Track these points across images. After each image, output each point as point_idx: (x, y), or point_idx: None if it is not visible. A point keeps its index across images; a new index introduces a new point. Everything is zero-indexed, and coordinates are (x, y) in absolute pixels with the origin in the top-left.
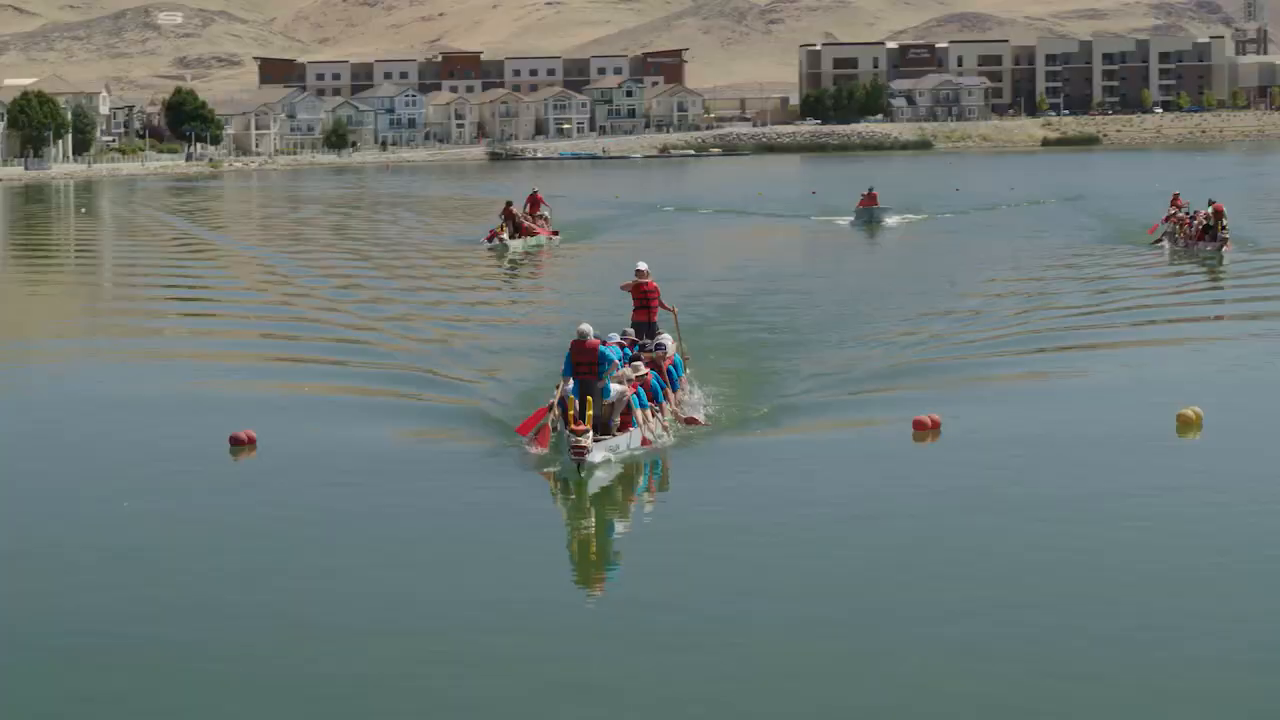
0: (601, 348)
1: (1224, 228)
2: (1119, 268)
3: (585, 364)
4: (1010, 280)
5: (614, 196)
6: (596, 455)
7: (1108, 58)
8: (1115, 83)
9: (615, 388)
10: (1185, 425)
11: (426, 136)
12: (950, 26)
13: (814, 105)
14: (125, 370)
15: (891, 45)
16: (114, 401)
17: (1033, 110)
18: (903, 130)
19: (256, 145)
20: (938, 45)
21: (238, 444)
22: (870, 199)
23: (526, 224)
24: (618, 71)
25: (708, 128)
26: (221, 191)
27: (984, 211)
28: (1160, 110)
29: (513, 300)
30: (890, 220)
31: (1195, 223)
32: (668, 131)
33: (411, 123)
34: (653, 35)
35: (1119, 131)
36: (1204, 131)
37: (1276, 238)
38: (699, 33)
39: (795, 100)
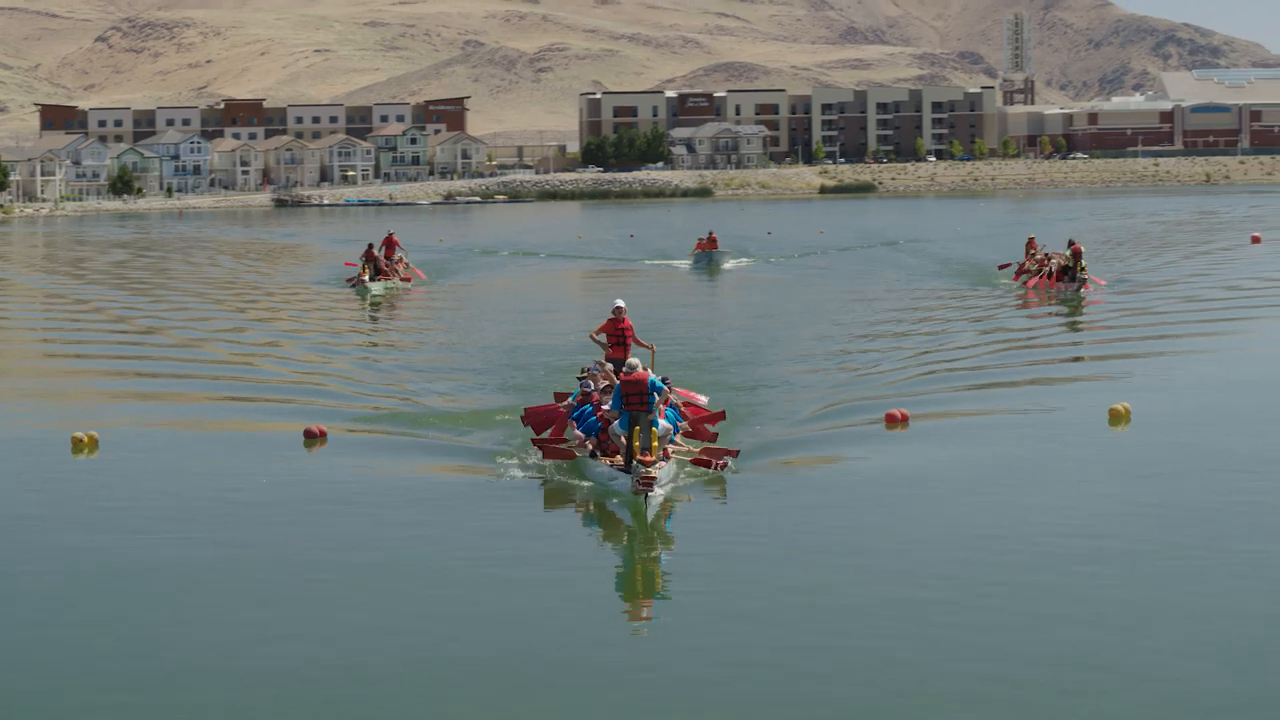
0: (650, 378)
1: (1083, 268)
2: (998, 308)
3: (635, 396)
4: (898, 320)
5: (438, 240)
6: (658, 487)
7: (881, 107)
8: (889, 131)
9: (663, 422)
10: (1116, 418)
11: (212, 183)
12: (718, 76)
13: (595, 152)
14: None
15: (670, 94)
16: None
17: (809, 158)
18: (683, 177)
19: (42, 191)
20: (716, 94)
21: (311, 437)
22: (710, 242)
23: (386, 266)
24: (400, 119)
25: (490, 174)
26: (13, 236)
27: (812, 255)
28: (934, 159)
29: (417, 339)
30: (728, 264)
31: (1053, 263)
32: (452, 178)
33: (197, 169)
34: (422, 83)
35: (894, 179)
36: (976, 179)
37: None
38: (468, 81)
39: (572, 147)
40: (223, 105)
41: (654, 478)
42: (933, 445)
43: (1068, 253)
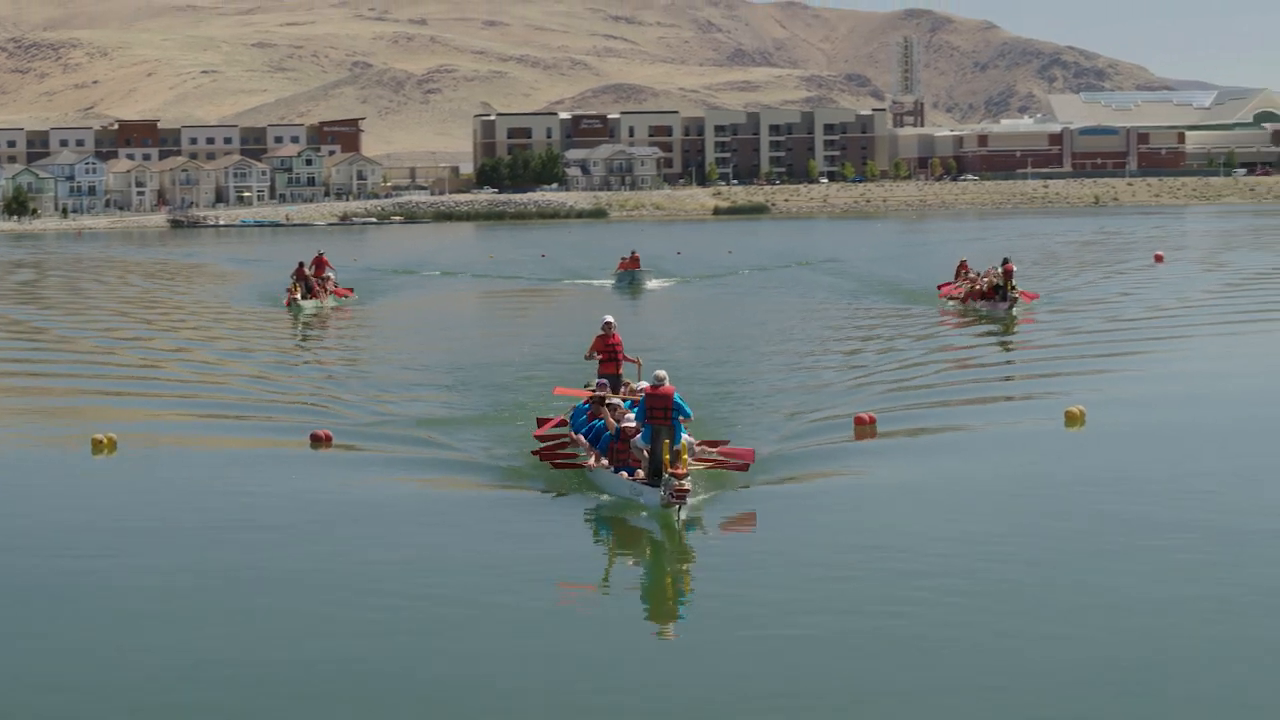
0: (676, 396)
1: (1014, 287)
2: (938, 326)
3: (660, 410)
4: (843, 338)
5: (351, 260)
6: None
7: (774, 129)
8: (782, 153)
9: (685, 436)
10: (1071, 419)
11: (107, 204)
12: (606, 97)
13: (490, 174)
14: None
15: (565, 115)
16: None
17: (703, 180)
18: (578, 199)
19: None
20: (610, 116)
21: (317, 441)
22: (633, 261)
23: (318, 286)
24: (295, 140)
25: (386, 195)
26: None
27: (731, 276)
28: (826, 180)
29: (380, 355)
30: (651, 283)
31: (985, 281)
32: (347, 199)
33: (92, 190)
34: (310, 104)
35: (787, 201)
36: (869, 201)
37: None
38: (357, 102)
39: (465, 168)
40: (117, 126)
41: (688, 490)
42: (902, 458)
43: (1000, 270)
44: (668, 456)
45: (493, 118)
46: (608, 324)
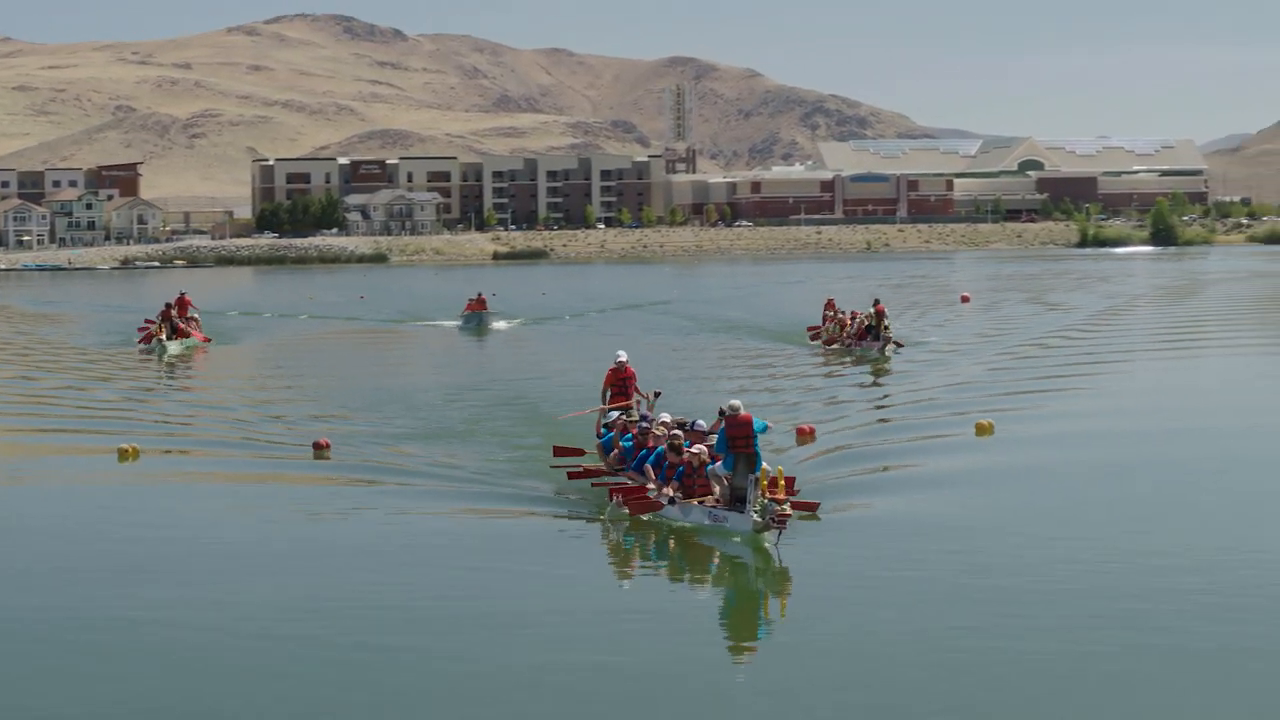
0: (755, 420)
1: (886, 327)
2: (820, 367)
3: (742, 438)
4: (725, 375)
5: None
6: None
7: (552, 175)
8: (559, 199)
9: (764, 464)
10: (981, 431)
11: None
12: (373, 143)
13: (270, 219)
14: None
15: (343, 160)
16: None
17: (482, 225)
18: (359, 243)
19: None
20: (389, 161)
21: (319, 448)
22: (479, 303)
23: (182, 326)
24: (73, 184)
25: (167, 240)
26: None
27: (577, 316)
28: (603, 226)
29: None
30: (498, 324)
31: (856, 323)
32: (128, 244)
33: None
34: (74, 148)
35: (565, 246)
36: (646, 246)
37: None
38: (121, 146)
39: (239, 213)
40: None
41: (789, 515)
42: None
43: (871, 311)
44: (765, 482)
45: (271, 162)
46: (620, 362)
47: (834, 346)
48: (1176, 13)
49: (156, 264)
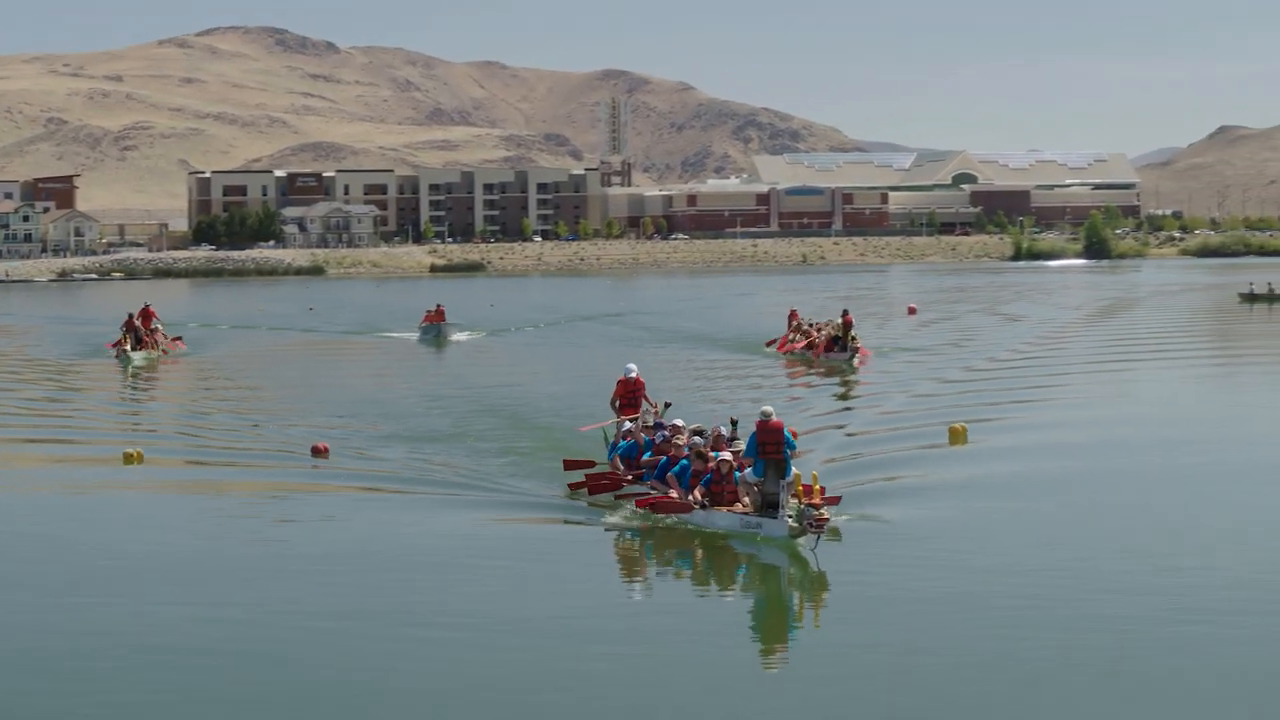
0: (785, 430)
1: (854, 338)
2: (798, 376)
3: (772, 444)
4: (692, 387)
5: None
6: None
7: (488, 188)
8: (496, 212)
9: (793, 469)
10: (955, 435)
11: None
12: (305, 155)
13: (207, 231)
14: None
15: (280, 173)
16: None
17: (419, 238)
18: (296, 256)
19: None
20: (325, 174)
21: (318, 453)
22: (438, 315)
23: (147, 337)
24: (8, 196)
25: (104, 252)
26: None
27: (535, 328)
28: (540, 239)
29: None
30: (458, 335)
31: (823, 333)
32: (65, 256)
33: None
34: (4, 160)
35: (502, 259)
36: (582, 259)
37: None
38: (53, 158)
39: (175, 226)
40: None
41: (827, 519)
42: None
43: (839, 322)
44: (800, 488)
45: (208, 175)
46: (632, 375)
47: (793, 354)
48: (1107, 27)
49: (94, 276)
